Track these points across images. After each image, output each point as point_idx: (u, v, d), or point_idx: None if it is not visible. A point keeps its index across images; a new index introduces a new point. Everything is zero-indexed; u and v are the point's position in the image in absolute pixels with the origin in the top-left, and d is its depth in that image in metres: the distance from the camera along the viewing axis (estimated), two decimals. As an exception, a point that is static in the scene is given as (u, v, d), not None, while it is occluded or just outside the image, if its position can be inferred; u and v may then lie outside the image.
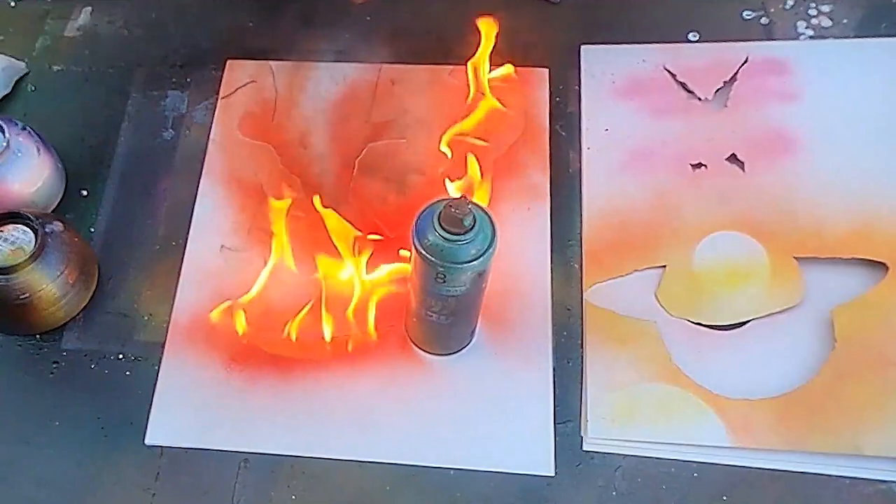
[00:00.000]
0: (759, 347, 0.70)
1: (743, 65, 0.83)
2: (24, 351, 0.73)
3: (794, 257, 0.73)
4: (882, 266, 0.72)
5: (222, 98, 0.85)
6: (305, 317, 0.73)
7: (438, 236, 0.56)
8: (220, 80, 0.86)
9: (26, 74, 0.88)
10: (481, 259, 0.57)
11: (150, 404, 0.70)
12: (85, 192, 0.81)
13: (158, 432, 0.69)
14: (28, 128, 0.76)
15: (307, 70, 0.86)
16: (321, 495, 0.66)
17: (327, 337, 0.71)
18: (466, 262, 0.56)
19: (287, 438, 0.68)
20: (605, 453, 0.67)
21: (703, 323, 0.71)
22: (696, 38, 0.86)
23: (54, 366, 0.72)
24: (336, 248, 0.74)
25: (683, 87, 0.83)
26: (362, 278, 0.73)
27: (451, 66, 0.85)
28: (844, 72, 0.83)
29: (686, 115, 0.82)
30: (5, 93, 0.86)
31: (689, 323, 0.71)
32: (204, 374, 0.71)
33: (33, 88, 0.88)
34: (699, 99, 0.82)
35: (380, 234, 0.76)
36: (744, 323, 0.71)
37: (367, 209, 0.78)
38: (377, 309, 0.73)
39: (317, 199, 0.76)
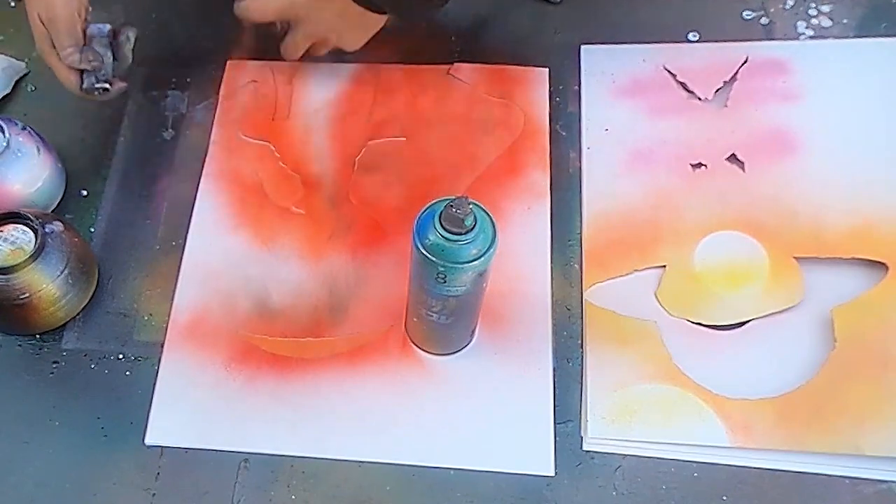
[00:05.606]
0: (759, 347, 0.70)
1: (743, 65, 0.83)
2: (24, 351, 0.73)
3: (794, 257, 0.73)
4: (882, 266, 0.72)
5: (222, 98, 0.85)
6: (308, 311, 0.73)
7: (439, 236, 0.56)
8: (220, 80, 0.86)
9: (26, 74, 0.88)
10: (482, 259, 0.57)
11: (150, 404, 0.70)
12: (85, 192, 0.81)
13: (158, 432, 0.69)
14: (28, 128, 0.76)
15: (307, 70, 0.85)
16: (321, 495, 0.66)
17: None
18: (467, 262, 0.56)
19: (287, 438, 0.68)
20: (605, 453, 0.67)
21: (703, 323, 0.71)
22: (696, 38, 0.86)
23: (54, 366, 0.72)
24: None
25: (683, 87, 0.83)
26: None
27: (450, 66, 0.85)
28: (844, 72, 0.82)
29: (686, 115, 0.82)
30: (5, 93, 0.86)
31: (689, 323, 0.71)
32: (204, 374, 0.71)
33: (33, 88, 0.88)
34: (699, 99, 0.82)
35: None
36: (744, 323, 0.71)
37: (367, 209, 0.78)
38: (376, 307, 0.73)
39: None
